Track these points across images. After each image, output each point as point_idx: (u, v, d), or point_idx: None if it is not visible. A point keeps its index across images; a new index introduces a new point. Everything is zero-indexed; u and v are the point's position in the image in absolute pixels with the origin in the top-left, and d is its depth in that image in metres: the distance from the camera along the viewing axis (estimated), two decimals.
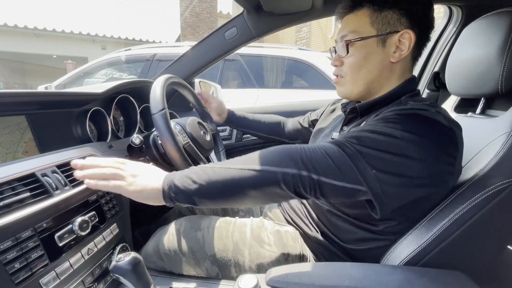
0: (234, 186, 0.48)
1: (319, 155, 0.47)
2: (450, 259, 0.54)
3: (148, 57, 2.58)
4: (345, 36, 0.59)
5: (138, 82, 0.96)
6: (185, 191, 0.49)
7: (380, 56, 0.57)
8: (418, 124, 0.49)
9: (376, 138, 0.48)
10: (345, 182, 0.46)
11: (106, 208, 0.61)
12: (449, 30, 1.02)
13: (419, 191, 0.50)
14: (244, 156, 0.51)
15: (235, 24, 1.00)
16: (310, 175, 0.46)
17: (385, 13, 0.56)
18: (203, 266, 0.67)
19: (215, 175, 0.49)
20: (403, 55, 0.57)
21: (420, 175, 0.48)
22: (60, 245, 0.48)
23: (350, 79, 0.61)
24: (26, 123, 0.61)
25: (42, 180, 0.49)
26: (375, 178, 0.46)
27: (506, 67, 0.59)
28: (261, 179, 0.47)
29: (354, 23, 0.58)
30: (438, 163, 0.48)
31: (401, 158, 0.46)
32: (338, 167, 0.46)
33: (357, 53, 0.58)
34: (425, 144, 0.47)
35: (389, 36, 0.56)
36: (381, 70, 0.59)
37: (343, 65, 0.62)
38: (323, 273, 0.50)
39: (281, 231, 0.70)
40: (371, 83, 0.60)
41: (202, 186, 0.49)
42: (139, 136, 0.75)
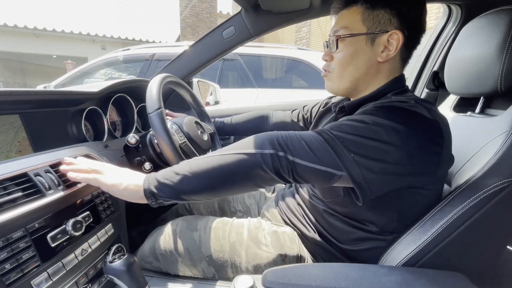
0: (217, 173, 0.49)
1: (294, 139, 0.50)
2: (449, 260, 0.53)
3: (147, 57, 2.58)
4: (337, 31, 0.59)
5: (135, 81, 0.96)
6: (168, 185, 0.50)
7: (368, 54, 0.57)
8: (396, 114, 0.49)
9: (354, 125, 0.50)
10: (320, 165, 0.48)
11: (101, 208, 0.60)
12: (448, 29, 1.01)
13: (403, 180, 0.51)
14: (228, 146, 0.53)
15: (233, 23, 1.00)
16: (286, 155, 0.48)
17: (377, 12, 0.56)
18: (199, 266, 0.66)
19: (197, 164, 0.50)
20: (390, 56, 0.57)
21: (400, 162, 0.48)
22: (52, 246, 0.47)
23: (337, 74, 0.61)
24: (20, 122, 0.60)
25: (35, 179, 0.49)
26: (353, 162, 0.47)
27: (505, 66, 0.59)
28: (243, 162, 0.48)
29: (346, 19, 0.59)
30: (420, 151, 0.49)
31: (379, 143, 0.47)
32: (312, 150, 0.48)
33: (346, 49, 0.58)
34: (403, 131, 0.47)
35: (378, 35, 0.56)
36: (368, 68, 0.59)
37: (332, 60, 0.62)
38: (320, 274, 0.50)
39: (279, 232, 0.70)
40: (357, 81, 0.60)
41: (185, 176, 0.49)
42: (135, 135, 0.75)
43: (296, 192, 0.78)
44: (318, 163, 0.48)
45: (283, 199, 0.80)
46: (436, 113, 0.52)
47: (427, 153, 0.49)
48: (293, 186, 0.82)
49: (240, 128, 1.06)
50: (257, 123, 1.04)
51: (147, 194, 0.51)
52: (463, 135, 0.69)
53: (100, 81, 2.85)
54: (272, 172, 0.48)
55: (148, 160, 0.79)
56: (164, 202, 0.52)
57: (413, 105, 0.51)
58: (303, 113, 0.96)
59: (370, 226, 0.60)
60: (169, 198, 0.51)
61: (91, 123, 0.81)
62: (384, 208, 0.57)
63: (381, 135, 0.47)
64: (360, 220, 0.61)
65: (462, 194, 0.54)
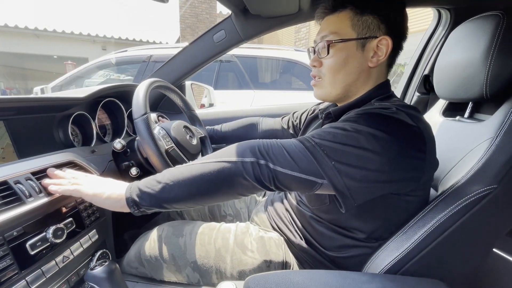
0: (198, 181, 0.49)
1: (276, 147, 0.50)
2: (432, 267, 0.53)
3: (144, 59, 2.58)
4: (326, 37, 0.59)
5: (124, 86, 0.96)
6: (150, 193, 0.50)
7: (359, 59, 0.57)
8: (376, 121, 0.49)
9: (334, 132, 0.50)
10: (301, 173, 0.48)
11: (85, 215, 0.60)
12: (438, 32, 1.01)
13: (385, 187, 0.50)
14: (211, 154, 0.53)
15: (224, 27, 1.00)
16: (267, 163, 0.48)
17: (366, 18, 0.56)
18: (184, 272, 0.66)
19: (179, 172, 0.51)
20: (381, 61, 0.57)
21: (381, 169, 0.47)
22: (32, 253, 0.47)
23: (329, 80, 0.60)
24: (3, 128, 0.60)
25: (15, 187, 0.49)
26: (335, 169, 0.47)
27: (490, 72, 0.58)
28: (224, 170, 0.48)
29: (335, 24, 0.58)
30: (402, 158, 0.48)
31: (360, 150, 0.47)
32: (293, 158, 0.48)
33: (338, 55, 0.58)
34: (384, 139, 0.47)
35: (368, 40, 0.56)
36: (359, 73, 0.59)
37: (322, 66, 0.61)
38: (301, 280, 0.50)
39: (265, 238, 0.69)
40: (349, 86, 0.60)
41: (167, 185, 0.49)
42: (121, 141, 0.75)
43: (284, 198, 0.78)
44: (298, 171, 0.48)
45: (272, 204, 0.80)
46: (418, 119, 0.51)
47: (409, 160, 0.49)
48: (281, 192, 0.82)
49: (229, 136, 1.05)
50: (246, 131, 1.03)
51: (129, 203, 0.51)
52: (452, 140, 0.69)
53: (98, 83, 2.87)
54: (253, 180, 0.48)
55: (136, 165, 0.79)
56: (146, 210, 0.52)
57: (394, 112, 0.50)
58: (292, 119, 0.95)
59: (356, 233, 0.59)
60: (151, 207, 0.51)
61: (79, 128, 0.81)
62: (370, 215, 0.57)
63: (361, 142, 0.47)
64: (346, 227, 0.60)
65: (445, 200, 0.54)
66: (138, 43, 8.68)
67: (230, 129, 1.05)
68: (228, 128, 1.06)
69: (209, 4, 7.65)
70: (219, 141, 1.06)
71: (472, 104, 0.73)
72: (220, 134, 1.06)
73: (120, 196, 0.52)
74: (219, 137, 1.06)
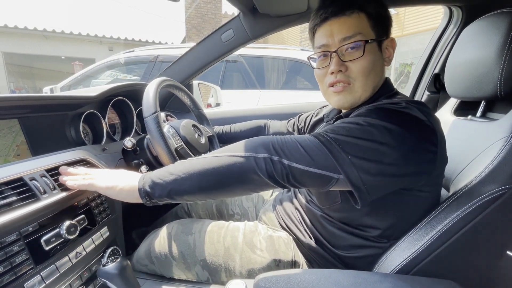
0: (210, 174, 0.49)
1: (290, 143, 0.49)
2: (444, 268, 0.52)
3: (151, 59, 2.60)
4: (350, 38, 0.55)
5: (134, 85, 0.97)
6: (161, 184, 0.50)
7: (381, 60, 0.59)
8: (388, 115, 0.49)
9: (348, 127, 0.50)
10: (317, 168, 0.47)
11: (97, 212, 0.61)
12: (449, 31, 1.00)
13: (400, 181, 0.50)
14: (224, 147, 0.53)
15: (232, 26, 1.00)
16: (281, 159, 0.47)
17: (377, 20, 0.58)
18: (193, 270, 0.67)
19: (191, 164, 0.51)
20: (391, 59, 0.60)
21: (396, 163, 0.47)
22: (46, 249, 0.48)
23: (361, 84, 0.57)
24: (18, 126, 0.61)
25: (30, 184, 0.50)
26: (351, 164, 0.46)
27: (504, 70, 0.57)
28: (236, 165, 0.48)
29: (357, 25, 0.55)
30: (415, 151, 0.48)
31: (374, 143, 0.47)
32: (309, 154, 0.48)
33: (369, 56, 0.56)
34: (396, 132, 0.47)
35: (383, 41, 0.59)
36: (382, 73, 0.60)
37: (348, 70, 0.57)
38: (312, 279, 0.50)
39: (274, 237, 0.69)
40: (376, 87, 0.60)
41: (179, 177, 0.50)
42: (131, 139, 0.75)
43: (294, 197, 0.78)
44: (315, 166, 0.47)
45: (281, 203, 0.80)
46: (428, 113, 0.51)
47: (422, 153, 0.49)
48: (291, 191, 0.82)
49: (238, 137, 1.06)
50: (254, 133, 1.04)
51: (142, 194, 0.51)
52: (464, 139, 0.68)
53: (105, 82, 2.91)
54: (266, 177, 0.48)
55: (146, 163, 0.79)
56: (158, 201, 0.52)
57: (404, 107, 0.50)
58: (297, 123, 0.96)
59: (369, 231, 0.59)
60: (163, 198, 0.51)
61: (90, 126, 0.82)
62: (382, 213, 0.57)
63: (375, 136, 0.47)
64: (358, 226, 0.60)
65: (458, 200, 0.53)
66: (144, 44, 8.77)
67: (239, 130, 1.06)
68: (237, 129, 1.07)
69: (214, 5, 7.68)
70: (228, 141, 1.07)
71: (485, 103, 0.72)
72: (229, 134, 1.07)
73: (133, 187, 0.52)
74: (228, 138, 1.07)
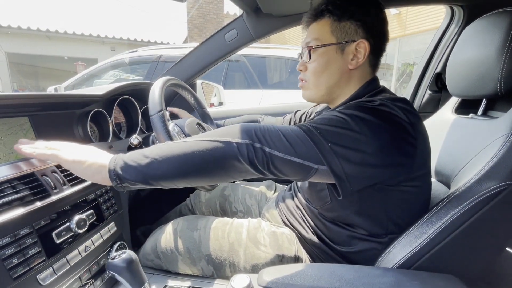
0: (189, 159, 0.47)
1: (272, 131, 0.50)
2: (445, 263, 0.53)
3: (153, 59, 2.62)
4: (309, 43, 0.62)
5: (139, 84, 0.98)
6: (135, 167, 0.47)
7: (339, 62, 0.61)
8: (362, 109, 0.51)
9: (328, 118, 0.52)
10: (297, 157, 0.48)
11: (104, 207, 0.63)
12: (450, 30, 1.00)
13: (380, 172, 0.51)
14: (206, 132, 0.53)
15: (235, 26, 1.01)
16: (262, 147, 0.48)
17: (344, 24, 0.59)
18: (198, 265, 0.68)
19: (169, 148, 0.49)
20: (360, 63, 0.60)
21: (375, 152, 0.49)
22: (57, 242, 0.50)
23: (313, 83, 0.64)
24: (29, 124, 0.63)
25: (41, 179, 0.51)
26: (331, 152, 0.48)
27: (505, 68, 0.58)
28: (217, 150, 0.47)
29: (316, 31, 0.62)
30: (393, 142, 0.50)
31: (353, 132, 0.48)
32: (290, 143, 0.48)
33: (319, 59, 0.61)
34: (372, 122, 0.49)
35: (347, 44, 0.60)
36: (340, 75, 0.62)
37: (306, 70, 0.65)
38: (315, 274, 0.51)
39: (277, 233, 0.71)
40: (331, 88, 0.63)
41: (155, 160, 0.47)
42: (137, 137, 0.77)
43: (295, 195, 0.79)
44: (295, 155, 0.48)
45: (283, 200, 0.81)
46: (404, 108, 0.52)
47: (400, 145, 0.50)
48: (292, 189, 0.83)
49: None
50: None
51: (112, 176, 0.48)
52: (465, 137, 0.68)
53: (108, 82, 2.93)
54: (247, 163, 0.47)
55: None
56: (130, 185, 0.49)
57: (378, 104, 0.52)
58: (294, 119, 0.98)
59: (360, 230, 0.61)
60: (136, 182, 0.48)
61: (96, 125, 0.84)
62: (370, 211, 0.58)
63: (352, 126, 0.49)
64: (350, 224, 0.62)
65: (459, 197, 0.54)
66: (147, 44, 8.80)
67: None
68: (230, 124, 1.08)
69: (216, 5, 7.69)
70: None
71: (485, 101, 0.73)
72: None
73: (103, 166, 0.49)
74: None
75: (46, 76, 9.19)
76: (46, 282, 0.47)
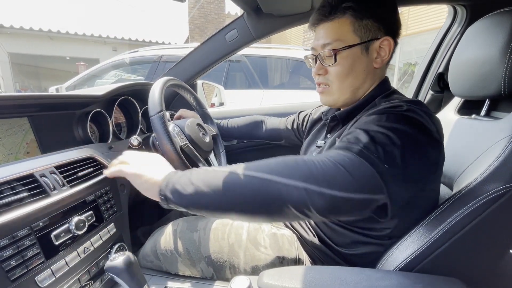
0: (235, 196, 0.44)
1: (329, 165, 0.43)
2: (447, 265, 0.53)
3: (155, 59, 2.62)
4: (329, 44, 0.59)
5: (139, 84, 0.98)
6: (181, 193, 0.46)
7: (364, 62, 0.59)
8: (397, 120, 0.48)
9: (371, 135, 0.47)
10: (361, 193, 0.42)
11: (104, 208, 0.62)
12: (453, 30, 1.00)
13: (420, 185, 0.50)
14: (250, 163, 0.47)
15: (236, 26, 1.01)
16: (321, 189, 0.41)
17: (366, 21, 0.57)
18: (198, 267, 0.68)
19: (215, 178, 0.45)
20: (385, 60, 0.59)
21: (419, 167, 0.47)
22: (56, 244, 0.49)
23: (338, 87, 0.61)
24: (28, 124, 0.63)
25: (40, 180, 0.51)
26: (389, 175, 0.43)
27: (508, 68, 0.58)
28: (268, 192, 0.42)
29: (336, 30, 0.58)
30: (428, 151, 0.48)
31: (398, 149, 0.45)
32: (352, 175, 0.42)
33: (344, 61, 0.58)
34: (411, 135, 0.46)
35: (371, 43, 0.58)
36: (366, 75, 0.60)
37: (327, 74, 0.61)
38: (315, 276, 0.50)
39: (278, 234, 0.70)
40: (356, 90, 0.61)
41: (199, 189, 0.45)
42: (137, 137, 0.77)
43: None
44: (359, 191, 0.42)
45: None
46: (429, 114, 0.51)
47: (432, 153, 0.49)
48: None
49: (234, 132, 1.07)
50: (250, 128, 1.05)
51: (161, 195, 0.48)
52: (467, 138, 0.68)
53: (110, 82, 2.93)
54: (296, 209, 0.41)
55: None
56: (175, 208, 0.49)
57: (406, 110, 0.50)
58: (297, 120, 0.96)
59: (370, 231, 0.59)
60: (180, 207, 0.48)
61: (96, 125, 0.83)
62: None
63: (395, 140, 0.45)
64: (357, 226, 0.61)
65: (461, 199, 0.53)
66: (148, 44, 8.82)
67: (236, 125, 1.07)
68: (234, 124, 1.08)
69: (217, 5, 7.70)
70: (224, 136, 1.08)
71: (489, 101, 0.72)
72: (226, 129, 1.08)
73: (156, 184, 0.49)
74: (225, 132, 1.08)
75: (48, 76, 9.23)
76: (44, 284, 0.47)
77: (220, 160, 1.01)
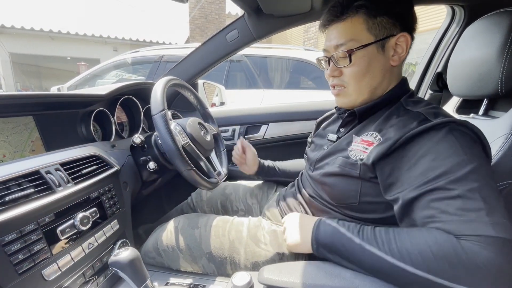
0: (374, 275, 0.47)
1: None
2: None
3: (156, 59, 2.63)
4: (343, 45, 0.57)
5: (141, 84, 0.99)
6: (329, 256, 0.54)
7: (381, 61, 0.57)
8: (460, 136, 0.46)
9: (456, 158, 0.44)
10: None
11: (107, 205, 0.64)
12: (451, 30, 1.01)
13: None
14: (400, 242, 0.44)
15: (236, 27, 1.02)
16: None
17: (380, 19, 0.55)
18: (199, 263, 0.69)
19: (362, 255, 0.48)
20: (402, 57, 0.58)
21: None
22: (61, 239, 0.51)
23: (354, 88, 0.60)
24: (33, 123, 0.64)
25: (46, 177, 0.52)
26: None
27: (505, 68, 0.59)
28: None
29: (350, 30, 0.56)
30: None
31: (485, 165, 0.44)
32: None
33: (360, 61, 0.57)
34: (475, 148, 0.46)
35: (387, 40, 0.56)
36: (384, 74, 0.58)
37: (342, 75, 0.60)
38: (314, 272, 0.51)
39: (278, 231, 0.71)
40: (374, 90, 0.60)
41: (343, 259, 0.51)
42: (140, 136, 0.78)
43: (298, 192, 0.79)
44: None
45: (284, 199, 0.82)
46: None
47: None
48: (295, 186, 0.83)
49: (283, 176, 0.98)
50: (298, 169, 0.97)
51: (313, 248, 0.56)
52: None
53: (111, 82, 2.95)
54: None
55: (153, 160, 0.82)
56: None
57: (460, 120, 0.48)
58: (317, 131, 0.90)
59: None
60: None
61: (99, 124, 0.85)
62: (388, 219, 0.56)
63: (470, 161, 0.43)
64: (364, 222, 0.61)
65: None
66: (149, 44, 8.85)
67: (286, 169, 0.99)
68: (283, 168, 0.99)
69: (218, 5, 7.71)
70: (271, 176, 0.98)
71: (487, 101, 0.73)
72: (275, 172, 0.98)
73: (308, 247, 0.57)
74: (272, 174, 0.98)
75: (49, 76, 9.26)
76: (50, 278, 0.48)
77: (221, 159, 1.02)
